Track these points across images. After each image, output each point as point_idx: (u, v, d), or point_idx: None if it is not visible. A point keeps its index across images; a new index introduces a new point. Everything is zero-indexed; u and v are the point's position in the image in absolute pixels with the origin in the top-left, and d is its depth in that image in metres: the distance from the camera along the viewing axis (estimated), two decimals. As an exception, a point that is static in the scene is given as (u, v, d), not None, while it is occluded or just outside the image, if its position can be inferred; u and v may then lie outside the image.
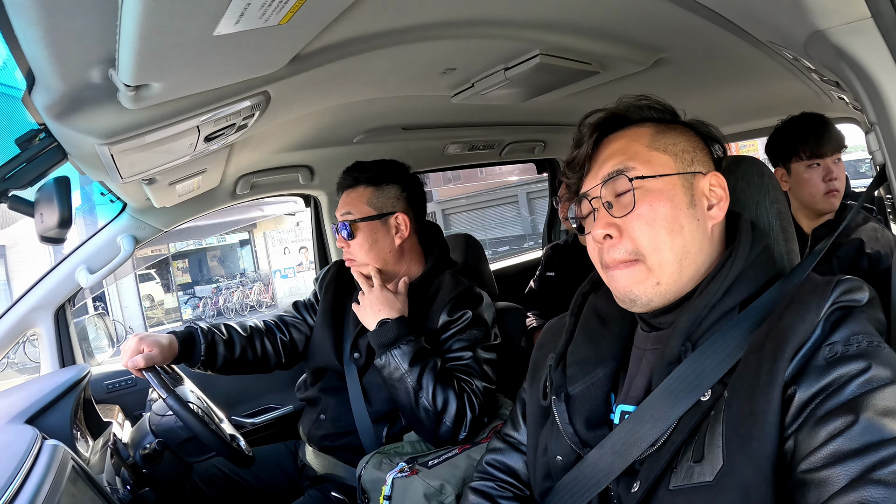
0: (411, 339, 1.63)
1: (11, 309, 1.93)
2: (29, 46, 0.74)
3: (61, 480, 1.01)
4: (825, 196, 2.00)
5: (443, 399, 1.57)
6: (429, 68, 1.57)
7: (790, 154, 2.06)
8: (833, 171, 1.99)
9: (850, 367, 0.72)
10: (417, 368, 1.58)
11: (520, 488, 1.19)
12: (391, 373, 1.61)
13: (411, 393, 1.58)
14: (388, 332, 1.63)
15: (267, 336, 1.95)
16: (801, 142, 2.02)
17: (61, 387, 1.48)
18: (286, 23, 0.84)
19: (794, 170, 2.05)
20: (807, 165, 2.02)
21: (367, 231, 1.77)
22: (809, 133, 2.01)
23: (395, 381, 1.60)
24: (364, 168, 1.84)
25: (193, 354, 1.76)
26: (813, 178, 2.01)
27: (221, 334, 1.84)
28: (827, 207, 2.03)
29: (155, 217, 2.10)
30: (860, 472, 0.65)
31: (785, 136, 2.09)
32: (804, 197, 2.04)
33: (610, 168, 0.96)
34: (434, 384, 1.58)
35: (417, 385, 1.58)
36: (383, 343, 1.63)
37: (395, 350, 1.61)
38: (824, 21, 0.90)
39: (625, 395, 0.99)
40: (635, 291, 0.93)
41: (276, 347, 1.95)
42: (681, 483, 0.81)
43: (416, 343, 1.62)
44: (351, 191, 1.83)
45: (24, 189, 1.17)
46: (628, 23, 1.43)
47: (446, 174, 20.71)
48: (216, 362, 1.82)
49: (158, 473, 1.60)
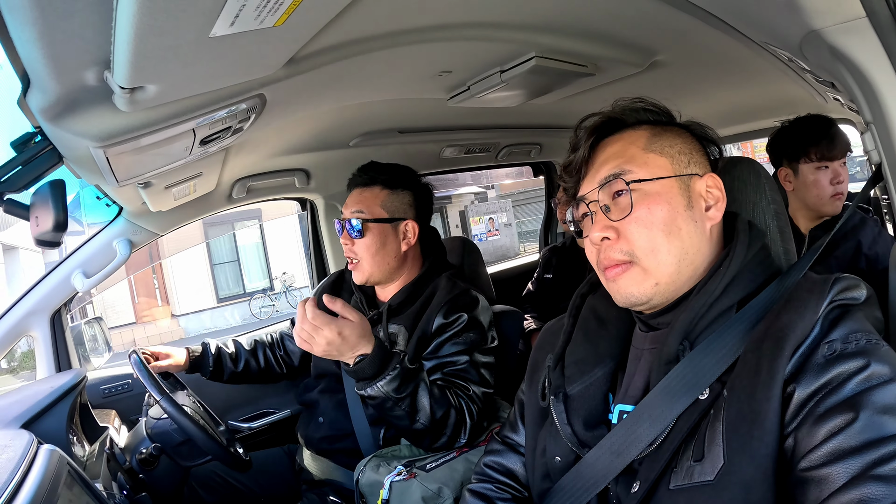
0: (396, 365, 1.47)
1: (7, 313, 1.92)
2: (24, 48, 0.74)
3: (57, 485, 1.01)
4: (831, 198, 2.00)
5: (442, 413, 1.52)
6: (424, 71, 1.57)
7: (799, 155, 2.05)
8: (840, 175, 1.99)
9: (849, 364, 0.72)
10: (408, 391, 1.48)
11: (518, 490, 1.18)
12: (381, 403, 1.48)
13: (407, 418, 1.50)
14: (367, 368, 1.45)
15: (269, 348, 2.13)
16: (812, 143, 2.01)
17: (57, 391, 1.48)
18: (281, 24, 0.84)
19: (802, 171, 2.04)
20: (816, 167, 2.02)
21: (377, 233, 1.75)
22: (820, 135, 2.01)
23: (387, 411, 1.49)
24: (381, 169, 1.83)
25: (202, 367, 1.98)
26: (821, 181, 2.01)
27: (227, 349, 2.06)
28: (831, 210, 2.03)
29: (151, 221, 2.10)
30: (860, 470, 0.65)
31: (793, 136, 2.08)
32: (810, 199, 2.04)
33: (607, 171, 0.96)
34: (430, 402, 1.50)
35: (412, 409, 1.49)
36: (364, 378, 1.47)
37: (379, 382, 1.45)
38: (819, 21, 0.90)
39: (623, 395, 0.99)
40: (635, 293, 0.93)
41: (277, 359, 2.15)
42: (681, 482, 0.81)
43: (402, 368, 1.48)
44: (365, 189, 1.80)
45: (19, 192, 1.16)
46: (623, 25, 1.43)
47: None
48: (223, 374, 2.03)
49: (155, 478, 1.60)
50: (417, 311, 1.76)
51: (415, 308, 1.77)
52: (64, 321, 2.05)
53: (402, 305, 1.80)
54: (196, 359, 1.96)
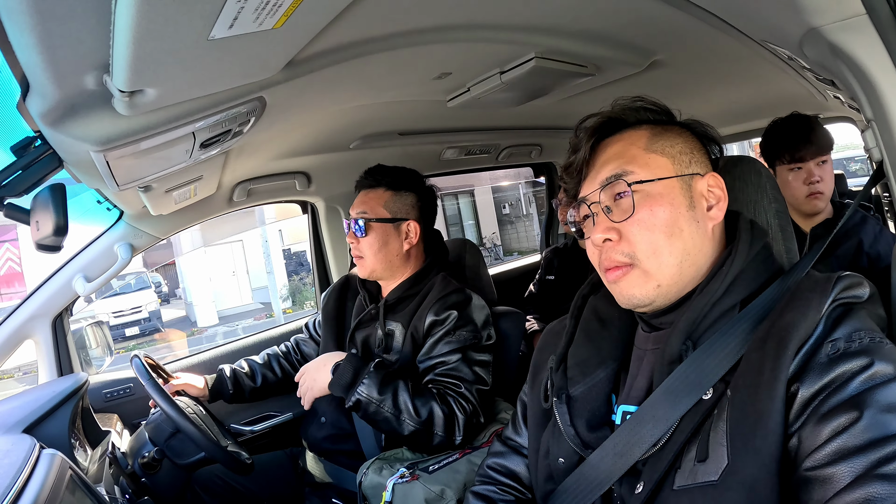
0: (370, 367, 1.60)
1: (9, 318, 1.93)
2: (23, 52, 0.73)
3: (59, 490, 1.00)
4: (807, 198, 2.01)
5: (426, 411, 1.56)
6: (424, 73, 1.57)
7: (774, 157, 2.07)
8: (814, 174, 1.99)
9: (853, 363, 0.72)
10: (389, 393, 1.56)
11: (521, 491, 1.18)
12: (366, 409, 1.56)
13: (392, 420, 1.55)
14: (345, 374, 1.60)
15: (283, 358, 2.19)
16: (784, 146, 2.03)
17: (59, 396, 1.48)
18: (280, 27, 0.84)
19: (779, 172, 2.07)
20: (788, 169, 2.03)
21: (380, 232, 1.81)
22: (791, 137, 2.02)
23: (372, 415, 1.57)
24: (385, 172, 1.88)
25: (223, 393, 2.03)
26: (793, 182, 2.03)
27: (242, 368, 2.12)
28: (810, 209, 2.04)
29: (152, 225, 2.10)
30: (865, 469, 0.65)
31: (770, 138, 2.11)
32: (788, 199, 2.04)
33: (608, 172, 0.96)
34: (411, 400, 1.56)
35: (395, 409, 1.55)
36: (345, 385, 1.59)
37: (359, 387, 1.56)
38: (818, 18, 0.90)
39: (626, 396, 0.99)
40: (637, 295, 0.93)
41: (293, 367, 2.19)
42: (685, 483, 0.80)
43: (378, 370, 1.60)
44: (370, 191, 1.87)
45: (20, 197, 1.16)
46: (623, 25, 1.43)
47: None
48: (244, 393, 2.08)
49: (157, 482, 1.60)
50: (413, 308, 1.81)
51: (411, 305, 1.82)
52: (65, 325, 2.05)
53: (400, 302, 1.85)
54: (214, 385, 2.01)
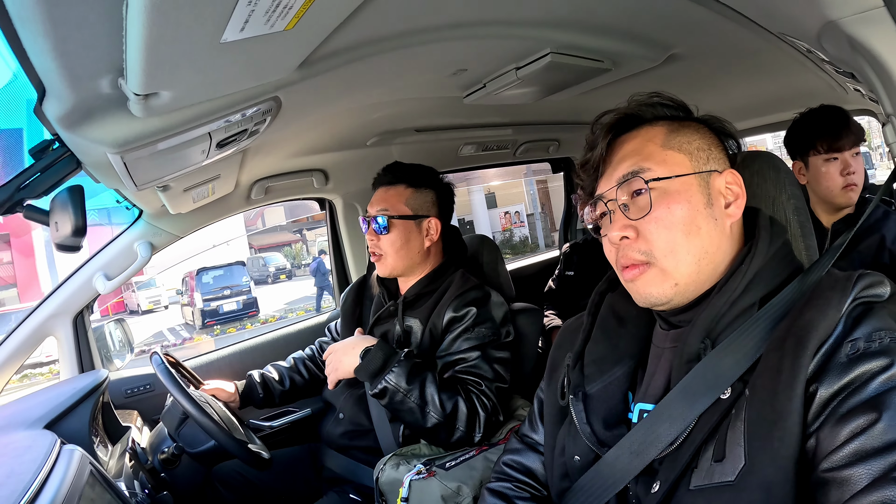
0: (401, 355, 1.59)
1: (31, 316, 1.96)
2: (38, 58, 0.74)
3: (80, 485, 1.02)
4: (843, 190, 1.97)
5: (452, 405, 1.55)
6: (440, 70, 1.57)
7: (808, 147, 2.02)
8: (851, 165, 1.96)
9: (873, 363, 0.71)
10: (417, 383, 1.55)
11: (537, 489, 1.18)
12: (391, 397, 1.55)
13: (417, 411, 1.54)
14: (374, 359, 1.58)
15: (310, 360, 2.19)
16: (819, 136, 1.98)
17: (80, 392, 1.50)
18: (292, 28, 0.84)
19: (812, 163, 2.02)
20: (824, 159, 1.99)
21: (402, 229, 1.80)
22: (827, 126, 1.98)
23: (398, 405, 1.56)
24: (405, 168, 1.88)
25: (253, 398, 2.02)
26: (830, 172, 1.98)
27: (270, 373, 2.11)
28: (845, 201, 2.00)
29: (171, 223, 2.12)
30: (883, 471, 0.64)
31: (803, 129, 2.06)
32: (822, 191, 2.02)
33: (625, 170, 0.95)
34: (438, 393, 1.55)
35: (422, 401, 1.54)
36: (373, 371, 1.57)
37: (388, 375, 1.55)
38: (836, 11, 0.88)
39: (643, 394, 0.98)
40: (654, 294, 0.92)
41: (319, 369, 2.17)
42: (702, 483, 0.80)
43: (408, 360, 1.59)
44: (389, 188, 1.86)
45: (39, 198, 1.18)
46: (639, 19, 1.42)
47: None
48: (274, 397, 2.08)
49: (177, 477, 1.62)
50: (432, 305, 1.80)
51: (430, 302, 1.81)
52: (86, 323, 2.08)
53: (418, 299, 1.84)
54: (244, 392, 2.01)
